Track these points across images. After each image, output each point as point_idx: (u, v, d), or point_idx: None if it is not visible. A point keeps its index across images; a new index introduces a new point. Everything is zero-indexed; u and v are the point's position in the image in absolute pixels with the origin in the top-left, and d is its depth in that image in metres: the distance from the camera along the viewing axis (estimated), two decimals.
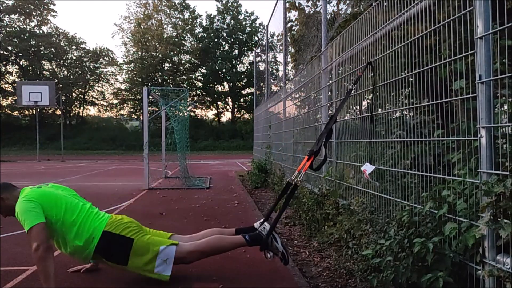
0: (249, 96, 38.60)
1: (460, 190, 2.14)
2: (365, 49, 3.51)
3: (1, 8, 34.35)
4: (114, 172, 13.46)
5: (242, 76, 38.97)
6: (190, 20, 39.52)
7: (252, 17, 40.35)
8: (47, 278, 2.50)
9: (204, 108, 41.00)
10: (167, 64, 39.24)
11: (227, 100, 40.74)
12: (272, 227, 3.04)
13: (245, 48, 39.77)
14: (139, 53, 38.70)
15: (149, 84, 34.59)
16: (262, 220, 3.25)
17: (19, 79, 33.40)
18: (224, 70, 38.65)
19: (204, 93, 40.09)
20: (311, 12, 9.04)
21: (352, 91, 3.61)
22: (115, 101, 39.83)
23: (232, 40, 39.84)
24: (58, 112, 33.42)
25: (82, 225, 2.84)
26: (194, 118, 36.92)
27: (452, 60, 2.21)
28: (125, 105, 39.62)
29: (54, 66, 38.23)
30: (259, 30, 39.27)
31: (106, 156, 24.92)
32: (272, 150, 9.08)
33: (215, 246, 3.03)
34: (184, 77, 39.12)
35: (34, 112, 29.59)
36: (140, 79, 37.38)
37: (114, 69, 40.61)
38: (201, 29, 39.87)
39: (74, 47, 38.48)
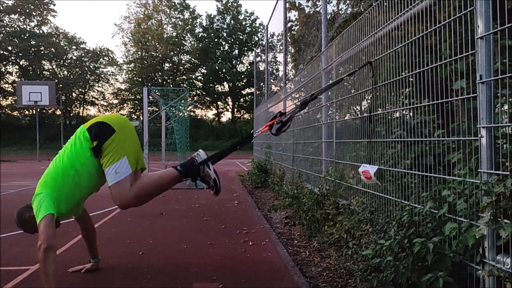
0: (249, 96, 38.60)
1: (460, 190, 2.14)
2: (365, 49, 3.51)
3: (1, 8, 34.34)
4: None
5: (242, 76, 38.97)
6: (190, 20, 39.54)
7: (252, 17, 40.42)
8: (47, 278, 2.51)
9: (204, 108, 41.02)
10: (167, 64, 39.25)
11: (227, 100, 40.76)
12: (210, 157, 3.00)
13: (245, 48, 39.79)
14: (139, 53, 38.71)
15: (149, 84, 34.59)
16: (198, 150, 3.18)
17: (19, 79, 33.40)
18: (224, 70, 38.65)
19: (204, 93, 40.10)
20: (311, 12, 9.05)
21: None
22: (115, 101, 39.88)
23: (232, 40, 39.86)
24: (58, 112, 33.44)
25: (69, 157, 2.83)
26: (194, 118, 36.92)
27: (452, 60, 2.21)
28: (125, 105, 39.64)
29: (54, 66, 38.22)
30: (259, 30, 39.29)
31: None
32: (272, 150, 9.08)
33: (152, 182, 2.90)
34: (184, 77, 39.13)
35: (34, 112, 29.60)
36: (140, 79, 37.38)
37: (114, 69, 40.66)
38: (201, 29, 39.90)
39: (74, 47, 38.48)
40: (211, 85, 39.74)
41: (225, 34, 39.77)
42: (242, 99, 40.30)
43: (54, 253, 2.60)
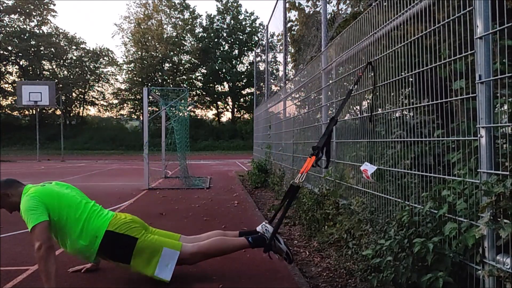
0: (249, 96, 38.60)
1: (460, 190, 2.14)
2: (365, 49, 3.51)
3: (1, 8, 34.35)
4: (114, 172, 13.47)
5: (242, 76, 38.96)
6: (190, 20, 39.53)
7: (252, 17, 40.39)
8: (48, 278, 2.50)
9: (204, 108, 41.02)
10: (167, 64, 39.24)
11: (227, 100, 40.75)
12: (275, 228, 3.06)
13: (245, 48, 39.77)
14: (139, 53, 38.70)
15: (149, 84, 34.60)
16: (264, 222, 3.25)
17: (19, 79, 33.40)
18: (224, 70, 38.64)
19: (204, 93, 40.10)
20: (311, 12, 9.04)
21: (353, 92, 3.61)
22: (115, 101, 39.89)
23: (232, 40, 39.84)
24: (58, 112, 33.44)
25: (86, 224, 2.84)
26: (194, 118, 36.92)
27: (452, 60, 2.21)
28: (125, 105, 39.64)
29: (54, 66, 38.23)
30: (259, 30, 39.28)
31: (106, 156, 24.91)
32: (272, 150, 9.08)
33: (218, 248, 3.03)
34: (184, 77, 39.12)
35: (34, 112, 29.58)
36: (140, 79, 37.38)
37: (114, 69, 40.67)
38: (201, 29, 39.89)
39: (74, 47, 38.49)
40: (211, 85, 39.73)
41: (225, 34, 39.75)
42: (242, 99, 40.29)
43: (55, 253, 2.61)
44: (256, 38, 38.44)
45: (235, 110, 40.94)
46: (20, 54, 35.25)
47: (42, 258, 2.51)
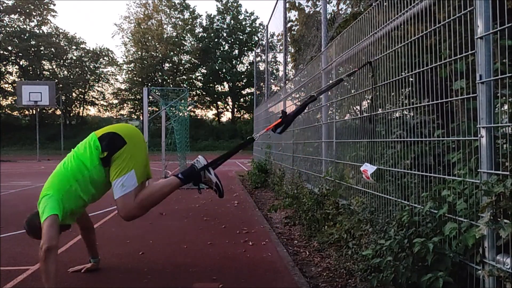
0: (249, 96, 38.60)
1: (460, 190, 2.14)
2: (365, 49, 3.51)
3: (1, 8, 34.35)
4: None
5: (242, 76, 38.97)
6: (190, 20, 39.53)
7: (252, 17, 40.42)
8: (48, 278, 2.51)
9: (204, 108, 41.03)
10: (167, 64, 39.25)
11: (227, 100, 40.76)
12: (210, 162, 3.06)
13: (245, 48, 39.78)
14: (139, 53, 38.71)
15: (149, 84, 34.59)
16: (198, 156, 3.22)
17: (19, 79, 33.40)
18: (224, 70, 38.65)
19: (204, 93, 40.10)
20: (311, 12, 9.04)
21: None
22: (115, 101, 39.90)
23: (232, 40, 39.85)
24: (58, 112, 33.45)
25: (79, 159, 2.84)
26: (194, 118, 36.92)
27: (452, 60, 2.21)
28: (125, 105, 39.66)
29: (54, 66, 38.24)
30: (259, 30, 39.28)
31: None
32: (272, 150, 9.08)
33: (154, 191, 2.97)
34: (184, 77, 39.13)
35: (34, 112, 29.58)
36: (140, 79, 37.38)
37: (114, 69, 40.68)
38: (201, 29, 39.90)
39: (74, 47, 38.49)
40: (211, 85, 39.74)
41: (225, 34, 39.76)
42: (242, 99, 40.30)
43: (55, 253, 2.61)
44: (256, 38, 38.45)
45: (235, 110, 40.95)
46: (20, 54, 35.25)
47: (43, 258, 2.52)
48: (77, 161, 2.86)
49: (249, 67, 38.82)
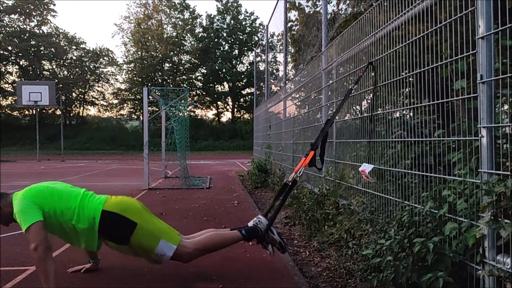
0: (249, 96, 38.61)
1: (460, 190, 2.14)
2: (365, 49, 3.51)
3: (1, 8, 34.35)
4: (114, 172, 13.46)
5: (242, 76, 38.98)
6: (190, 20, 39.54)
7: (252, 17, 40.43)
8: (47, 278, 2.49)
9: (204, 108, 41.03)
10: (167, 64, 39.26)
11: (227, 100, 40.76)
12: (270, 220, 3.08)
13: (245, 48, 39.78)
14: (139, 53, 38.72)
15: (149, 84, 34.62)
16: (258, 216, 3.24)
17: (19, 79, 33.41)
18: (224, 70, 38.65)
19: (204, 93, 40.10)
20: (311, 12, 9.05)
21: (352, 91, 3.61)
22: (115, 101, 39.91)
23: (232, 40, 39.85)
24: (58, 112, 33.44)
25: (80, 208, 2.80)
26: (194, 118, 36.93)
27: (453, 60, 2.21)
28: (125, 105, 39.66)
29: (54, 66, 38.24)
30: (259, 30, 39.29)
31: (106, 156, 24.91)
32: (272, 150, 9.08)
33: (212, 242, 3.02)
34: (184, 77, 39.14)
35: (34, 112, 29.58)
36: (140, 79, 37.39)
37: (114, 69, 40.73)
38: (201, 29, 39.91)
39: (74, 47, 38.50)
40: (211, 85, 39.74)
41: (225, 34, 39.77)
42: (242, 99, 40.30)
43: (51, 252, 2.60)
44: (256, 38, 38.46)
45: (235, 110, 40.95)
46: (20, 54, 35.25)
47: (40, 259, 2.50)
48: (80, 214, 2.80)
49: (249, 67, 38.83)
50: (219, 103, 40.87)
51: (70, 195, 2.86)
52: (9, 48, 34.75)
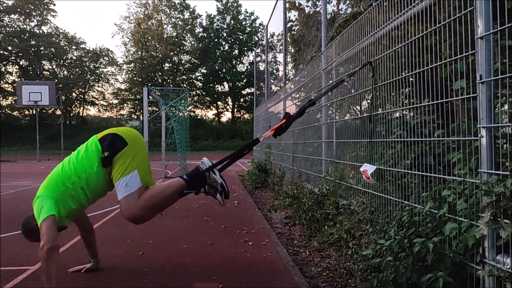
0: (249, 96, 38.61)
1: (460, 190, 2.14)
2: (365, 49, 3.51)
3: (1, 8, 34.35)
4: None
5: (242, 76, 38.98)
6: (190, 20, 39.54)
7: (252, 17, 40.44)
8: (49, 278, 2.51)
9: (204, 108, 41.03)
10: (167, 64, 39.25)
11: (227, 100, 40.76)
12: (215, 164, 3.03)
13: (245, 48, 39.79)
14: (139, 53, 38.72)
15: (149, 84, 34.61)
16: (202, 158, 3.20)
17: (19, 79, 33.40)
18: (224, 70, 38.65)
19: (204, 93, 40.11)
20: (311, 12, 9.05)
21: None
22: (115, 101, 39.91)
23: (232, 40, 39.86)
24: (58, 112, 33.45)
25: (78, 162, 2.84)
26: (194, 118, 36.93)
27: (452, 60, 2.21)
28: (125, 105, 39.67)
29: (54, 66, 38.25)
30: (259, 30, 39.29)
31: None
32: (272, 150, 9.08)
33: (158, 192, 2.92)
34: (184, 77, 39.14)
35: (34, 112, 29.59)
36: (140, 79, 37.39)
37: (114, 69, 40.71)
38: (201, 29, 39.92)
39: (74, 47, 38.50)
40: (211, 85, 39.74)
41: (225, 34, 39.77)
42: (242, 99, 40.31)
43: (57, 253, 2.61)
44: (256, 38, 38.46)
45: (235, 110, 40.95)
46: (20, 54, 35.25)
47: (43, 259, 2.52)
48: (76, 163, 2.85)
49: (249, 67, 38.83)
50: (219, 103, 40.88)
51: (65, 166, 2.88)
52: (9, 48, 34.75)
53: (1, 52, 33.78)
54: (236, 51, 39.86)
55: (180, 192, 2.96)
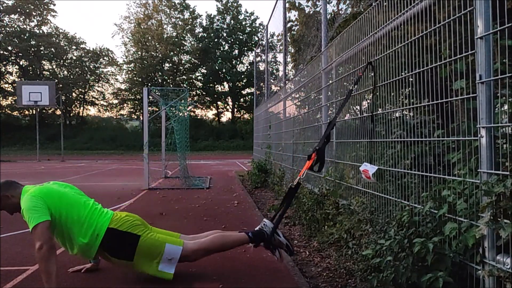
0: (249, 96, 38.61)
1: (460, 190, 2.14)
2: (365, 49, 3.51)
3: (1, 8, 34.34)
4: (114, 172, 13.46)
5: (242, 76, 38.97)
6: (190, 20, 39.54)
7: (252, 17, 40.42)
8: (49, 278, 2.50)
9: (204, 108, 41.02)
10: (167, 64, 39.25)
11: (227, 100, 40.76)
12: (276, 223, 3.10)
13: (245, 48, 39.78)
14: (139, 53, 38.71)
15: (149, 84, 34.61)
16: (263, 220, 3.27)
17: (19, 79, 33.40)
18: (224, 70, 38.65)
19: (204, 93, 40.10)
20: (311, 12, 9.05)
21: (353, 92, 3.61)
22: (115, 101, 39.91)
23: (232, 40, 39.85)
24: (58, 112, 33.44)
25: (87, 222, 2.84)
26: (194, 118, 36.92)
27: (452, 60, 2.21)
28: (125, 105, 39.65)
29: (54, 66, 38.23)
30: (259, 30, 39.29)
31: (106, 156, 24.91)
32: (272, 150, 9.08)
33: (219, 243, 3.05)
34: (184, 77, 39.13)
35: (34, 112, 29.59)
36: (140, 79, 37.39)
37: (114, 69, 40.68)
38: (201, 29, 39.91)
39: (74, 47, 38.49)
40: (211, 85, 39.74)
41: (225, 34, 39.76)
42: (242, 99, 40.30)
43: (55, 252, 2.61)
44: (256, 38, 38.45)
45: (235, 110, 40.94)
46: (20, 54, 35.24)
47: (43, 258, 2.51)
48: (72, 223, 2.84)
49: (249, 67, 38.82)
50: (219, 103, 40.88)
51: (79, 204, 2.91)
52: (9, 48, 34.73)
53: (1, 52, 33.76)
54: (236, 51, 39.85)
55: (239, 244, 3.16)
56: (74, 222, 2.81)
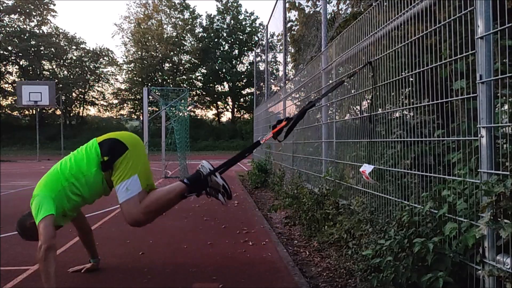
0: (249, 96, 38.61)
1: (460, 190, 2.14)
2: (365, 49, 3.51)
3: (1, 8, 34.34)
4: None
5: (242, 76, 38.99)
6: (190, 20, 39.55)
7: (252, 17, 40.46)
8: (48, 278, 2.51)
9: (204, 108, 41.04)
10: (167, 64, 39.26)
11: (227, 100, 40.77)
12: (216, 168, 3.06)
13: (245, 48, 39.79)
14: (139, 53, 38.72)
15: (149, 84, 34.59)
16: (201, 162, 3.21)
17: (19, 79, 33.40)
18: (224, 70, 38.66)
19: (204, 93, 40.11)
20: (311, 12, 9.05)
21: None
22: (115, 101, 39.91)
23: (232, 40, 39.86)
24: (58, 112, 33.46)
25: (81, 162, 2.86)
26: (194, 118, 36.92)
27: (452, 60, 2.21)
28: (125, 105, 39.66)
29: (54, 66, 38.24)
30: (259, 30, 39.30)
31: None
32: (272, 150, 9.08)
33: (159, 196, 2.94)
34: (184, 77, 39.14)
35: (34, 112, 29.59)
36: (140, 79, 37.40)
37: (114, 69, 40.68)
38: (201, 29, 39.92)
39: (74, 47, 38.50)
40: (211, 85, 39.75)
41: (225, 34, 39.78)
42: (242, 99, 40.31)
43: (54, 253, 2.60)
44: (256, 38, 38.46)
45: (235, 110, 40.95)
46: (20, 54, 35.24)
47: (42, 258, 2.52)
48: (74, 164, 2.86)
49: (249, 67, 38.84)
50: (219, 103, 40.89)
51: (66, 165, 2.90)
52: (9, 48, 34.74)
53: (1, 52, 33.78)
54: (236, 51, 39.86)
55: (181, 195, 2.98)
56: (72, 168, 2.84)
